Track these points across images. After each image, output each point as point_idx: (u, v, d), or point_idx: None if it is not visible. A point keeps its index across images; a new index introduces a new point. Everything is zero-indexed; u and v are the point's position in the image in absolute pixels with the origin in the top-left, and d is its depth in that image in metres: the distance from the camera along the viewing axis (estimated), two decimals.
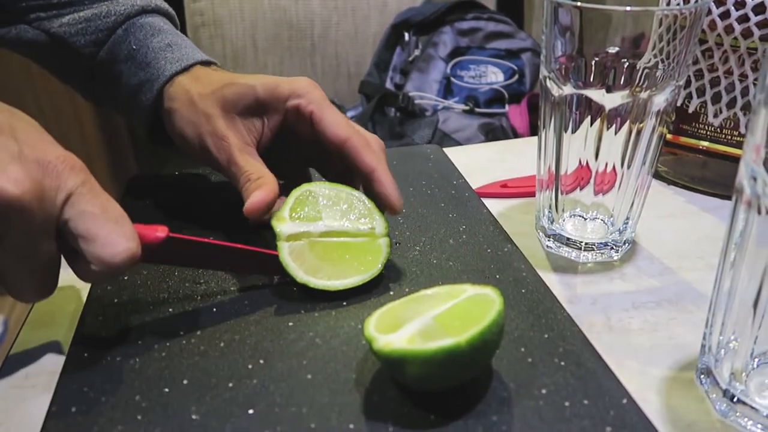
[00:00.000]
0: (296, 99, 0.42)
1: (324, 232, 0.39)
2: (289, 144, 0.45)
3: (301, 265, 0.38)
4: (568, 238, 0.46)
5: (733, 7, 0.49)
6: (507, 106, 1.33)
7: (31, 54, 0.49)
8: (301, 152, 0.46)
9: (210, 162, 0.44)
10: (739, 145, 0.53)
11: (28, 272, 0.32)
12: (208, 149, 0.43)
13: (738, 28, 0.49)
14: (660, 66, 0.40)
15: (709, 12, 0.50)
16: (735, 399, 0.32)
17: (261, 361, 0.34)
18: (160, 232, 0.35)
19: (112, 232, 0.31)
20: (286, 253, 0.38)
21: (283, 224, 0.39)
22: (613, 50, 0.40)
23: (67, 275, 0.44)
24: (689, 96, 0.54)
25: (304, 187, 0.41)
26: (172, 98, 0.45)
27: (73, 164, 0.32)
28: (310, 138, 0.43)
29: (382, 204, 0.41)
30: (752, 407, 0.31)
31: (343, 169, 0.44)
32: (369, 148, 0.42)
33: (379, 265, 0.39)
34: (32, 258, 0.31)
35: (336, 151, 0.42)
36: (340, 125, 0.42)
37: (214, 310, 0.38)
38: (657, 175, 0.58)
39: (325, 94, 0.44)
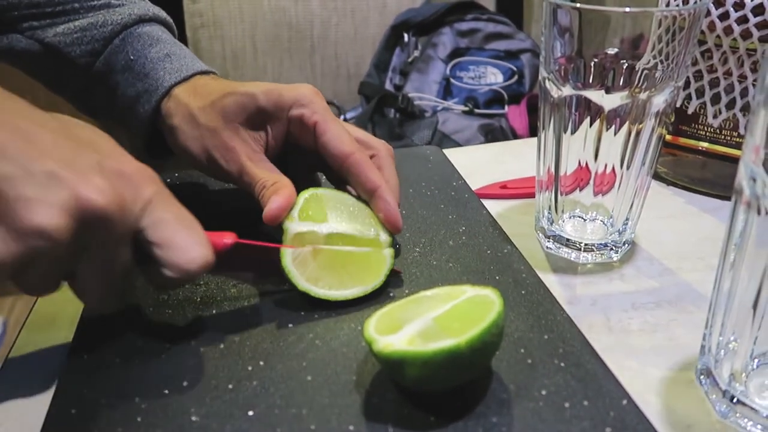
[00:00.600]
0: (300, 108, 0.42)
1: (330, 233, 0.39)
2: (295, 151, 0.45)
3: (303, 272, 0.38)
4: (567, 239, 0.46)
5: (732, 9, 0.49)
6: (506, 107, 1.33)
7: (23, 65, 0.48)
8: (307, 158, 0.45)
9: (219, 174, 0.43)
10: (738, 146, 0.53)
11: (104, 280, 0.32)
12: (216, 162, 0.42)
13: (737, 29, 0.49)
14: (659, 67, 0.40)
15: (708, 13, 0.50)
16: (735, 400, 0.32)
17: (261, 363, 0.34)
18: (228, 238, 0.35)
19: (187, 238, 0.32)
20: (289, 260, 0.38)
21: (291, 222, 0.39)
22: (612, 51, 0.40)
23: None
24: (688, 97, 0.55)
25: (312, 191, 0.41)
26: (172, 114, 0.44)
27: (149, 175, 0.33)
28: (312, 148, 0.42)
29: (382, 222, 0.41)
30: (752, 408, 0.31)
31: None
32: (370, 165, 0.41)
33: (382, 277, 0.39)
34: (109, 267, 0.32)
35: (337, 166, 0.41)
36: (343, 140, 0.41)
37: (214, 311, 0.38)
38: (656, 176, 0.58)
39: (325, 98, 0.43)
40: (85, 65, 0.47)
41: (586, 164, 0.43)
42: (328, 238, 0.39)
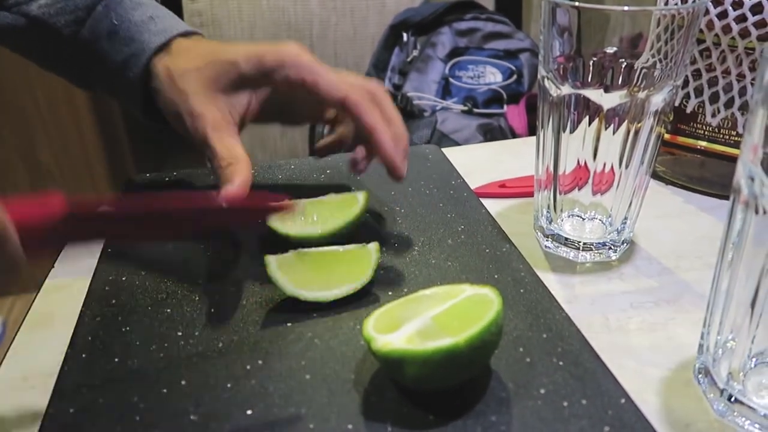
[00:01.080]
0: (283, 70, 0.42)
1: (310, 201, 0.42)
2: (285, 105, 0.46)
3: (291, 278, 0.38)
4: (566, 238, 0.46)
5: (730, 7, 0.49)
6: (505, 107, 1.33)
7: (11, 42, 0.49)
8: (302, 109, 0.46)
9: (192, 140, 0.44)
10: (736, 145, 0.53)
11: None
12: (185, 127, 0.43)
13: (735, 27, 0.49)
14: (658, 66, 0.40)
15: (707, 12, 0.50)
16: (732, 399, 0.32)
17: (259, 362, 0.34)
18: (55, 205, 0.28)
19: None
20: (274, 267, 0.37)
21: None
22: (611, 50, 0.40)
23: (65, 273, 0.44)
24: (687, 96, 0.55)
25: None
26: (155, 75, 0.45)
27: None
28: (309, 101, 0.43)
29: (384, 165, 0.41)
30: (750, 407, 0.31)
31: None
32: (367, 105, 0.41)
33: (370, 272, 0.39)
34: None
35: (339, 111, 0.42)
36: (335, 85, 0.41)
37: (212, 310, 0.38)
38: (655, 175, 0.58)
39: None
40: (70, 35, 0.47)
41: (585, 163, 0.43)
42: (310, 205, 0.43)
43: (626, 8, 0.38)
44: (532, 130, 1.28)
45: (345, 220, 0.42)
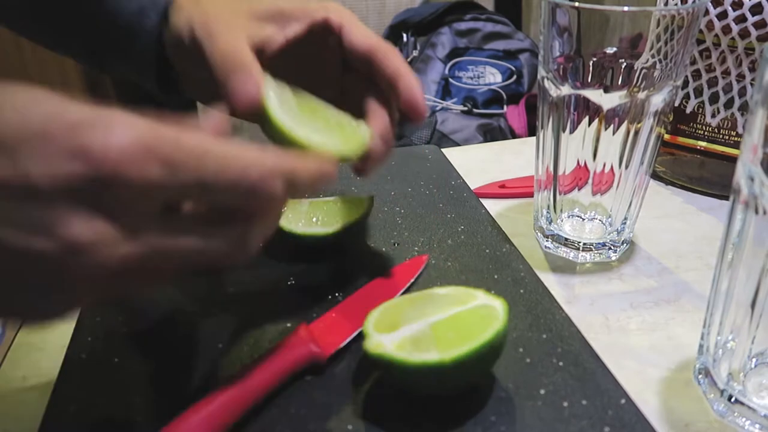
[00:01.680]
0: (325, 12, 0.39)
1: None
2: (307, 60, 0.41)
3: (285, 109, 0.33)
4: (566, 239, 0.46)
5: (730, 8, 0.49)
6: (505, 107, 1.33)
7: (18, 23, 0.43)
8: (321, 73, 0.42)
9: (198, 64, 0.36)
10: (736, 145, 0.53)
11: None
12: (197, 40, 0.36)
13: (735, 28, 0.49)
14: (658, 66, 0.40)
15: (707, 12, 0.50)
16: (733, 399, 0.32)
17: None
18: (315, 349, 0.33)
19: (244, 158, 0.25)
20: (275, 101, 0.32)
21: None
22: (610, 50, 0.40)
23: None
24: (687, 96, 0.55)
25: None
26: (176, 9, 0.38)
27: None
28: (333, 54, 0.40)
29: (407, 108, 0.38)
30: (750, 407, 0.31)
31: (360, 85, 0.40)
32: (398, 54, 0.39)
33: (361, 141, 0.35)
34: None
35: (363, 59, 0.39)
36: (370, 35, 0.40)
37: (213, 310, 0.38)
38: (655, 176, 0.58)
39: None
40: None
41: (585, 163, 0.43)
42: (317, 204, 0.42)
43: (626, 8, 0.38)
44: (531, 131, 1.28)
45: (351, 219, 0.43)
